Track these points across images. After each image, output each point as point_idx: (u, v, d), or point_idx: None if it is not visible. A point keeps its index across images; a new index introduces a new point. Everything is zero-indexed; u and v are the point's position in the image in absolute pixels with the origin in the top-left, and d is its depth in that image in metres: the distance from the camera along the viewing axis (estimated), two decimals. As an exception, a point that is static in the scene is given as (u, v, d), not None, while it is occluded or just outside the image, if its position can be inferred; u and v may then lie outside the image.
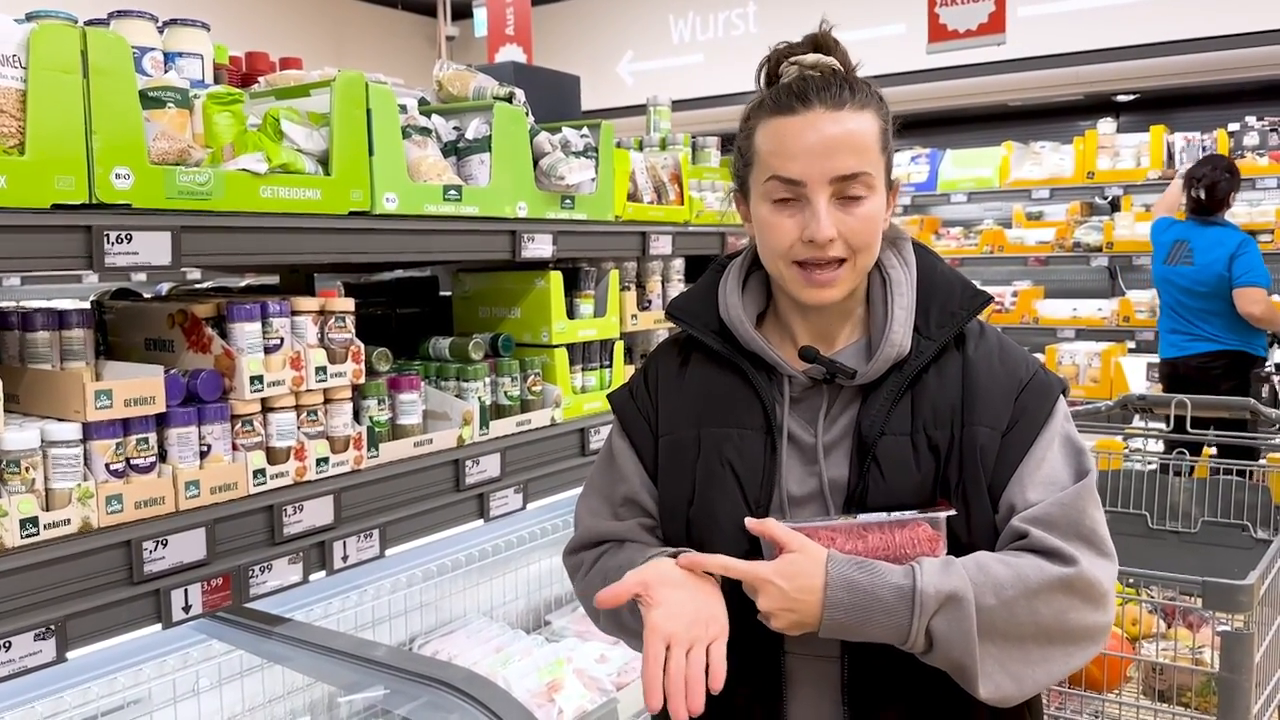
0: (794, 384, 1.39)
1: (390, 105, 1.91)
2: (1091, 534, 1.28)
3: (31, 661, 1.42)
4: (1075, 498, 1.28)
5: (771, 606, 1.21)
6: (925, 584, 1.19)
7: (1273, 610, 2.08)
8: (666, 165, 2.86)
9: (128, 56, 1.51)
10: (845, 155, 1.28)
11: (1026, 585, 1.22)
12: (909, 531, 1.25)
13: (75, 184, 1.43)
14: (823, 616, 1.20)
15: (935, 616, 1.20)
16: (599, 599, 1.25)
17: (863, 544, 1.26)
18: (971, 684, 1.21)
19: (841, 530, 1.26)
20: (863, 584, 1.20)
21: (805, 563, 1.21)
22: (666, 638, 1.19)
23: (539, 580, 2.86)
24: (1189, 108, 7.64)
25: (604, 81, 8.99)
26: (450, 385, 2.21)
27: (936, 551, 1.25)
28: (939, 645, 1.20)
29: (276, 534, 1.74)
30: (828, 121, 1.28)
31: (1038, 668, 1.24)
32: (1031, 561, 1.24)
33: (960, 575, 1.21)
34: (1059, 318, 6.92)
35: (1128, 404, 3.20)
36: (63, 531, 1.48)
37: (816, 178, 1.28)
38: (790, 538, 1.23)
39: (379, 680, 1.74)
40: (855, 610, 1.20)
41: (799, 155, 1.28)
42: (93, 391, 1.52)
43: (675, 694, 1.16)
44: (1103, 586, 1.26)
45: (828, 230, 1.27)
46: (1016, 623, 1.22)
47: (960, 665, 1.21)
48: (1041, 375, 1.36)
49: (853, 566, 1.21)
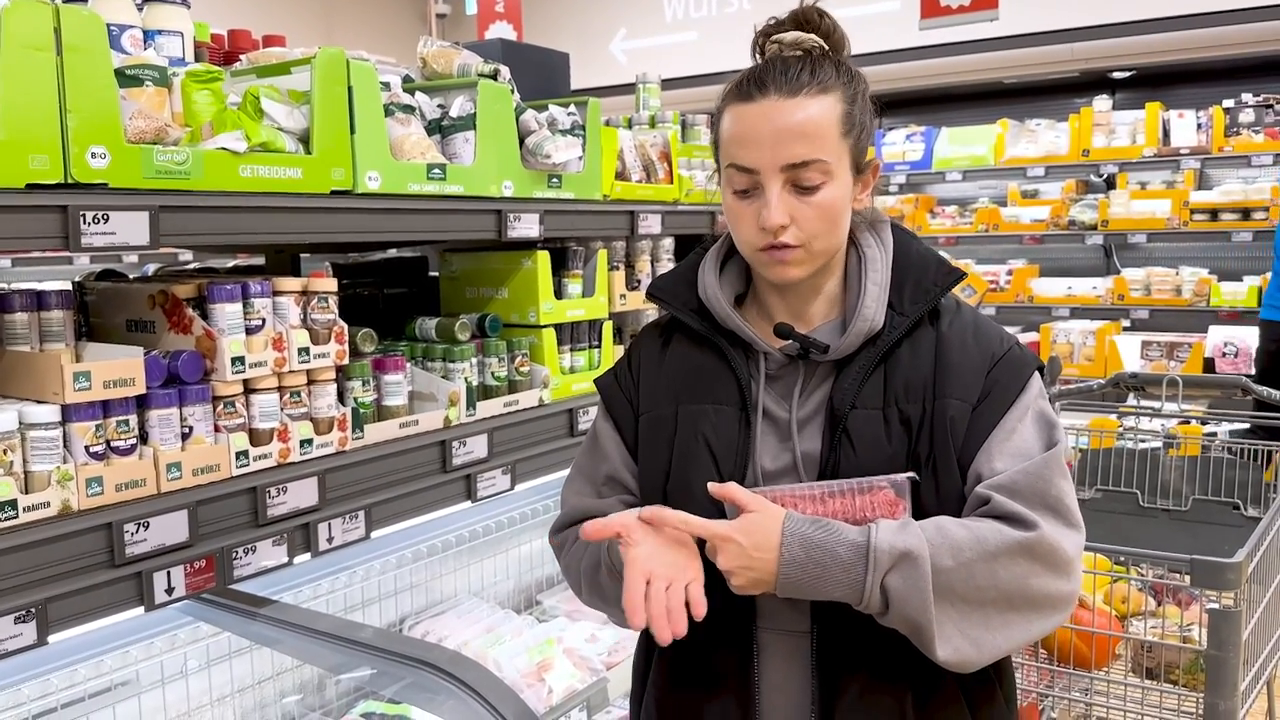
0: (770, 361, 1.40)
1: (372, 83, 1.89)
2: (1057, 502, 1.28)
3: (12, 644, 1.41)
4: (1042, 466, 1.28)
5: (730, 564, 1.23)
6: (879, 540, 1.21)
7: (1261, 588, 2.08)
8: (655, 143, 2.84)
9: (102, 34, 1.48)
10: (796, 144, 1.28)
11: (985, 548, 1.23)
12: (870, 496, 1.27)
13: (50, 163, 1.41)
14: (779, 573, 1.22)
15: (890, 573, 1.21)
16: (584, 531, 1.29)
17: (823, 507, 1.28)
18: (929, 646, 1.22)
19: (804, 495, 1.29)
20: (818, 540, 1.22)
21: (763, 520, 1.24)
22: (646, 573, 1.22)
23: (529, 561, 2.86)
24: (1185, 84, 7.61)
25: (597, 60, 8.94)
26: (437, 366, 2.20)
27: (898, 515, 1.26)
28: (894, 604, 1.22)
29: (260, 516, 1.73)
30: (779, 111, 1.29)
31: (998, 633, 1.24)
32: (991, 525, 1.25)
33: (916, 535, 1.22)
34: (1054, 296, 6.92)
35: (1121, 382, 3.20)
36: (42, 514, 1.47)
37: (768, 165, 1.29)
38: (750, 500, 1.26)
39: (365, 662, 1.74)
40: (810, 566, 1.22)
41: (751, 144, 1.30)
42: (71, 373, 1.50)
43: (658, 617, 1.20)
44: (1066, 553, 1.26)
45: (777, 218, 1.29)
46: (975, 586, 1.23)
47: (916, 625, 1.22)
48: (1016, 351, 1.37)
49: (809, 525, 1.24)
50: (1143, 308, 6.56)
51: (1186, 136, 6.63)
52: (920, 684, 1.32)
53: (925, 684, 1.32)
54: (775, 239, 1.30)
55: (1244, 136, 6.45)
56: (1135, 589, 2.28)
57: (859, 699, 1.32)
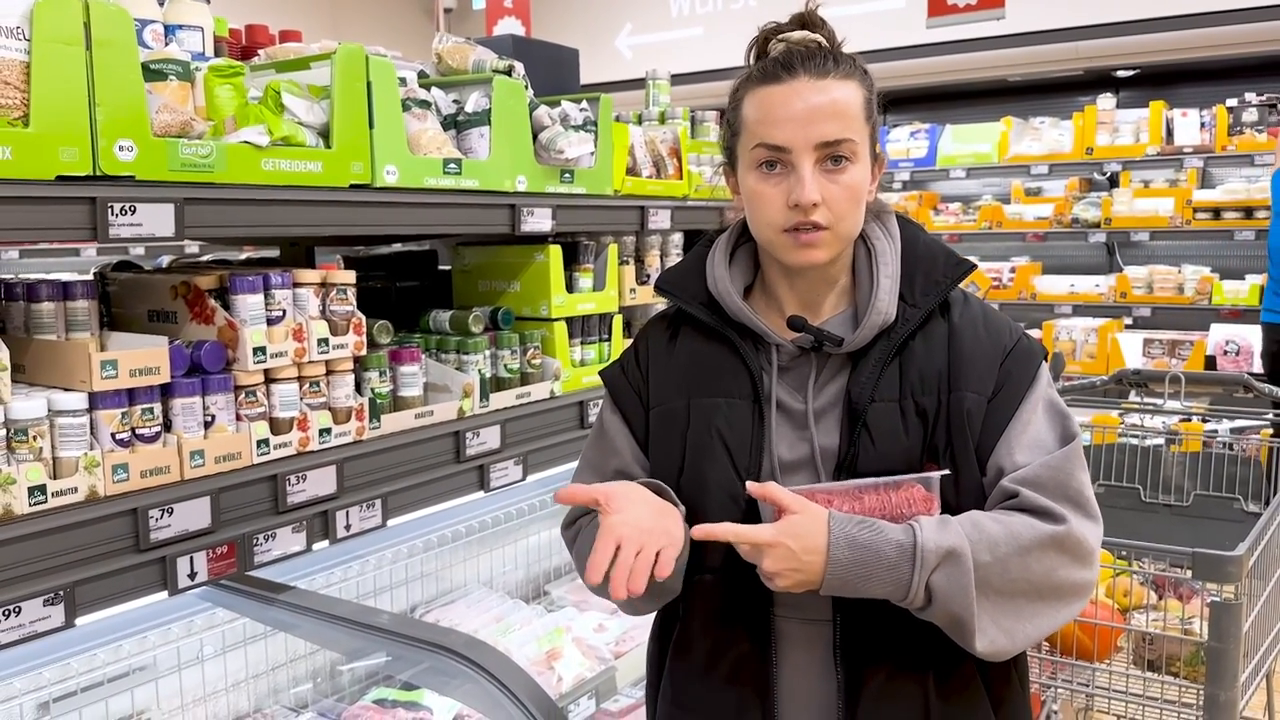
0: (782, 353, 1.41)
1: (390, 78, 1.92)
2: (1078, 495, 1.31)
3: (41, 626, 1.44)
4: (1063, 460, 1.31)
5: (777, 567, 1.23)
6: (925, 540, 1.22)
7: (1261, 581, 2.11)
8: (665, 139, 2.86)
9: (130, 29, 1.51)
10: (829, 122, 1.30)
11: (1019, 542, 1.25)
12: (904, 493, 1.28)
13: (79, 155, 1.44)
14: (825, 573, 1.23)
15: (936, 571, 1.23)
16: (558, 495, 1.31)
17: (859, 505, 1.28)
18: (968, 638, 1.25)
19: (838, 493, 1.29)
20: (865, 541, 1.23)
21: (807, 522, 1.24)
22: (618, 538, 1.22)
23: (539, 551, 2.89)
24: (1189, 83, 7.61)
25: (602, 55, 8.94)
26: (450, 358, 2.23)
27: (932, 511, 1.28)
28: (938, 600, 1.24)
29: (280, 503, 1.76)
30: (812, 89, 1.31)
31: (1028, 622, 1.27)
32: (1023, 520, 1.28)
33: (958, 532, 1.24)
34: (1057, 294, 6.94)
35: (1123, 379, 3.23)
36: (70, 500, 1.50)
37: (801, 144, 1.30)
38: (792, 500, 1.25)
39: (381, 647, 1.77)
40: (858, 566, 1.23)
41: (784, 122, 1.31)
42: (98, 362, 1.53)
43: (618, 577, 1.20)
44: (1089, 545, 1.30)
45: (812, 194, 1.29)
46: (1009, 579, 1.25)
47: (958, 620, 1.24)
48: (1025, 342, 1.39)
49: (854, 525, 1.24)
50: (1145, 305, 6.57)
51: (1190, 135, 6.64)
52: (942, 667, 1.34)
53: (947, 667, 1.34)
54: (806, 217, 1.31)
55: (1247, 135, 6.46)
56: (1137, 582, 2.31)
57: (883, 686, 1.34)
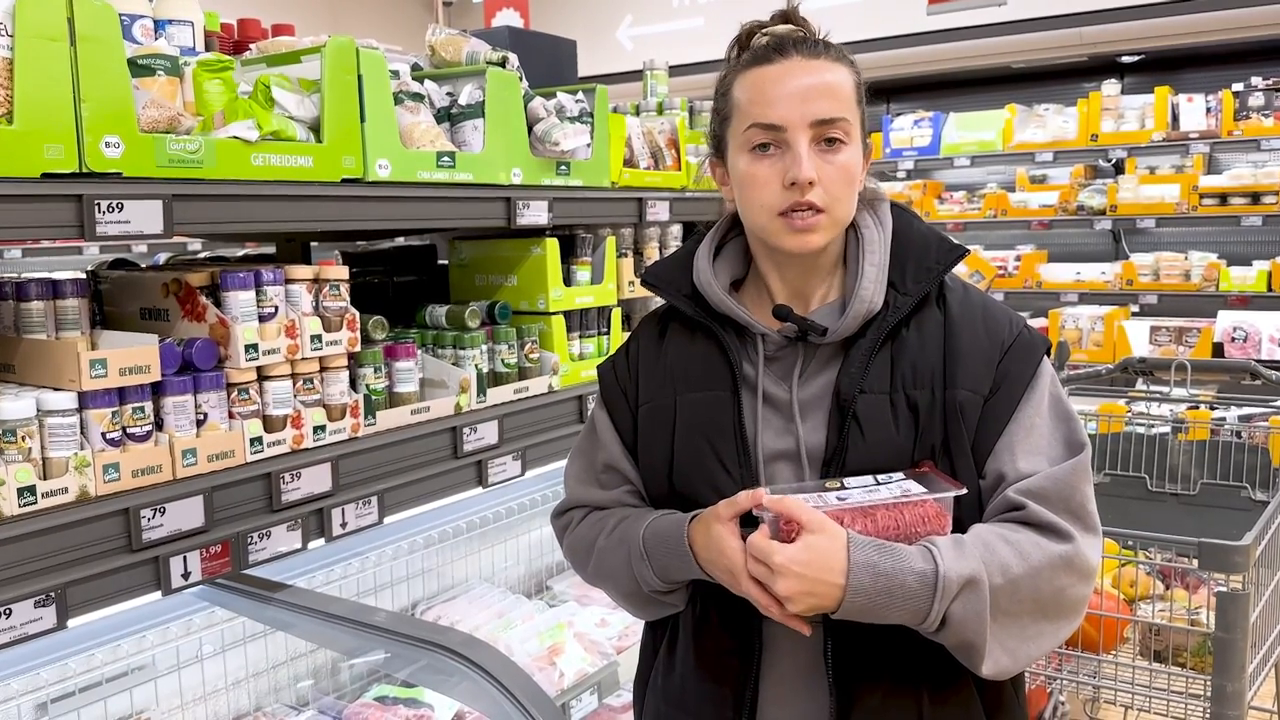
0: (768, 343, 1.40)
1: (381, 71, 1.90)
2: (1080, 509, 1.28)
3: (32, 628, 1.43)
4: (1070, 473, 1.28)
5: (791, 590, 1.19)
6: (947, 569, 1.19)
7: (1269, 571, 2.09)
8: (663, 130, 2.84)
9: (115, 23, 1.49)
10: (823, 100, 1.29)
11: (1029, 563, 1.23)
12: (917, 509, 1.24)
13: (65, 153, 1.43)
14: (844, 600, 1.19)
15: (955, 601, 1.19)
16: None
17: (872, 523, 1.23)
18: (976, 662, 1.22)
19: (849, 510, 1.24)
20: (886, 569, 1.19)
21: (826, 544, 1.19)
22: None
23: (539, 546, 2.88)
24: (1194, 68, 7.55)
25: (603, 47, 8.90)
26: (447, 353, 2.21)
27: (945, 528, 1.25)
28: (953, 627, 1.21)
29: (275, 501, 1.74)
30: (805, 69, 1.31)
31: (1032, 643, 1.25)
32: (1030, 538, 1.25)
33: (974, 557, 1.21)
34: (1062, 281, 6.90)
35: (1129, 367, 3.20)
36: (60, 500, 1.49)
37: (796, 121, 1.29)
38: (810, 519, 1.20)
39: (379, 645, 1.76)
40: (877, 595, 1.19)
41: (778, 100, 1.30)
42: (88, 360, 1.52)
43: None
44: (1094, 563, 1.28)
45: (809, 171, 1.28)
46: (1018, 599, 1.23)
47: (970, 645, 1.22)
48: (1025, 336, 1.35)
49: (874, 550, 1.20)
50: (1151, 293, 6.53)
51: (1195, 121, 6.59)
52: (936, 673, 1.31)
53: (940, 674, 1.31)
54: (802, 197, 1.29)
55: (1253, 120, 6.41)
56: (1144, 573, 2.29)
57: (880, 703, 1.31)
